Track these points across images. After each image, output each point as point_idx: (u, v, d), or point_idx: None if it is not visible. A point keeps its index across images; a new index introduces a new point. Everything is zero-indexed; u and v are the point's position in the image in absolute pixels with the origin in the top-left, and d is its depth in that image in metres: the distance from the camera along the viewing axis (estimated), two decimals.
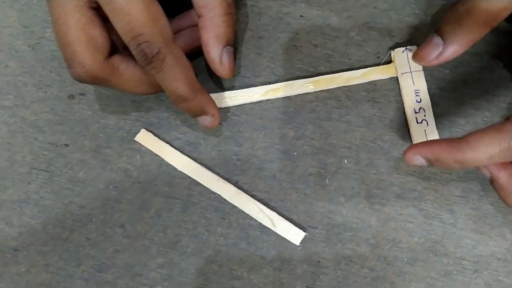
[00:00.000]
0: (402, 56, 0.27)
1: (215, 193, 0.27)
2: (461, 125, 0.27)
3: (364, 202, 0.27)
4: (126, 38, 0.22)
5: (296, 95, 0.28)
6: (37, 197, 0.28)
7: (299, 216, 0.27)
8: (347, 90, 0.28)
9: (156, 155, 0.28)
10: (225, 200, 0.27)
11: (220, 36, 0.25)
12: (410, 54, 0.27)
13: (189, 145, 0.28)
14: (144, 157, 0.28)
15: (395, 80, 0.28)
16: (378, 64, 0.28)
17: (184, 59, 0.23)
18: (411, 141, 0.27)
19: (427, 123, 0.26)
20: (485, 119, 0.27)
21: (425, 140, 0.26)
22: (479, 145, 0.21)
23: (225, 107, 0.28)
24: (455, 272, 0.26)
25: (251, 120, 0.28)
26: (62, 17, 0.22)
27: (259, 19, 0.29)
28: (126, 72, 0.24)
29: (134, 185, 0.28)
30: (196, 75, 0.25)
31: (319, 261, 0.26)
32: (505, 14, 0.22)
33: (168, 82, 0.23)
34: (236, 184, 0.27)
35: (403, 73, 0.27)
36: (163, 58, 0.22)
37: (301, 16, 0.29)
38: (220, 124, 0.27)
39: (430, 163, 0.23)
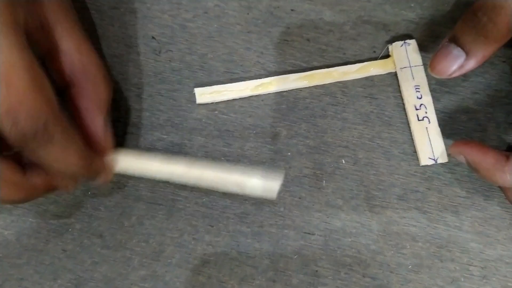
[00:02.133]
0: (400, 50, 0.26)
1: (202, 198, 0.25)
2: (463, 122, 0.26)
3: (364, 204, 0.25)
4: None
5: (288, 91, 0.26)
6: (9, 206, 0.26)
7: (293, 221, 0.25)
8: (343, 86, 0.26)
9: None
10: (213, 205, 0.25)
11: (102, 103, 0.22)
12: (409, 48, 0.26)
13: (173, 146, 0.26)
14: None
15: (393, 75, 0.26)
16: (375, 59, 0.26)
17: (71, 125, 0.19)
18: (412, 139, 0.25)
19: (429, 120, 0.25)
20: (488, 115, 0.26)
21: (427, 138, 0.25)
22: None
23: (212, 103, 0.26)
24: (462, 279, 0.24)
25: (241, 118, 0.26)
26: None
27: (248, 13, 0.27)
28: (5, 173, 0.19)
29: (113, 191, 0.26)
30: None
31: (316, 271, 0.24)
32: None
33: (54, 161, 0.18)
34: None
35: (402, 68, 0.26)
36: (48, 129, 0.17)
37: (292, 10, 0.27)
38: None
39: (469, 166, 0.23)
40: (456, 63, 0.23)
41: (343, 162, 0.25)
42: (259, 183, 0.22)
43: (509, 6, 0.20)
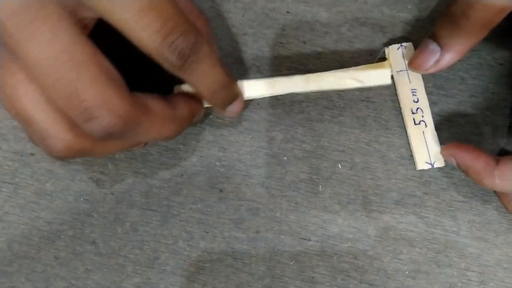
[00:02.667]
0: (397, 53, 0.25)
1: (197, 204, 0.25)
2: (460, 125, 0.25)
3: (361, 210, 0.25)
4: (156, 41, 0.17)
5: (284, 95, 0.26)
6: (1, 212, 0.25)
7: (290, 226, 0.24)
8: (339, 89, 0.26)
9: (130, 163, 0.25)
10: (208, 211, 0.25)
11: (211, 35, 0.23)
12: (406, 51, 0.25)
13: (167, 151, 0.25)
14: (118, 165, 0.25)
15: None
16: (371, 62, 0.26)
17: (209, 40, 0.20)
18: (409, 143, 0.25)
19: (426, 124, 0.25)
20: (486, 118, 0.26)
21: (424, 142, 0.25)
22: (511, 177, 0.21)
23: (206, 106, 0.26)
24: (460, 285, 0.24)
25: (236, 122, 0.26)
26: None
27: (243, 15, 0.27)
28: (156, 108, 0.19)
29: (106, 197, 0.25)
30: None
31: (313, 277, 0.24)
32: (503, 14, 0.21)
33: (208, 74, 0.19)
34: (221, 193, 0.25)
35: (398, 71, 0.25)
36: (200, 47, 0.18)
37: (288, 11, 0.27)
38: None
39: (459, 167, 0.23)
40: (432, 58, 0.23)
41: (340, 166, 0.25)
42: (374, 72, 0.24)
43: (481, 1, 0.20)
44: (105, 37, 0.18)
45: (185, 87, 0.23)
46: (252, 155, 0.25)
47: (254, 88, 0.24)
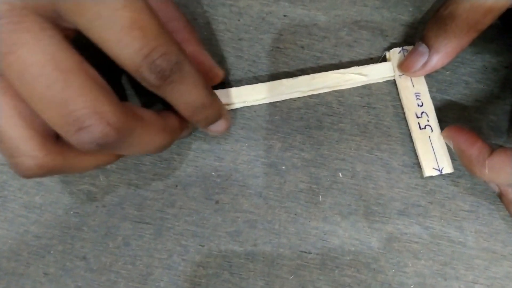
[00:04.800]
0: (399, 56, 0.25)
1: (192, 216, 0.24)
2: None
3: (363, 220, 0.24)
4: (135, 60, 0.16)
5: (282, 102, 0.25)
6: None
7: (289, 239, 0.23)
8: (339, 95, 0.25)
9: (122, 173, 0.24)
10: (204, 223, 0.24)
11: (200, 41, 0.22)
12: None
13: (161, 161, 0.24)
14: (110, 177, 0.24)
15: (391, 83, 0.25)
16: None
17: (192, 61, 0.19)
18: (413, 150, 0.24)
19: (431, 129, 0.24)
20: (491, 123, 0.25)
21: (431, 147, 0.24)
22: (500, 171, 0.20)
23: None
24: None
25: (232, 131, 0.25)
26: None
27: (239, 20, 0.26)
28: (147, 116, 0.19)
29: (97, 210, 0.24)
30: None
31: None
32: (491, 17, 0.21)
33: (187, 94, 0.19)
34: (216, 204, 0.24)
35: (401, 75, 0.24)
36: (182, 67, 0.18)
37: (284, 15, 0.26)
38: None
39: (455, 151, 0.23)
40: (420, 59, 0.23)
41: (341, 175, 0.24)
42: (377, 66, 0.24)
43: (468, 1, 0.20)
44: (84, 48, 0.17)
45: None
46: (249, 164, 0.24)
47: (257, 91, 0.24)
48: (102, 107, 0.16)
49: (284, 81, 0.24)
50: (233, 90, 0.24)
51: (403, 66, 0.24)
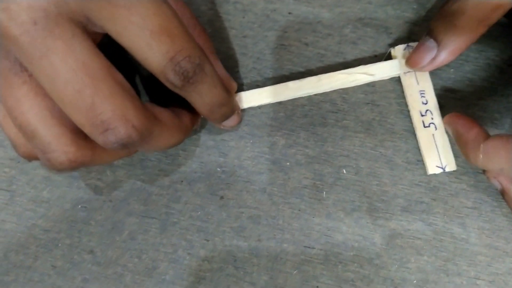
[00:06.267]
0: (403, 54, 0.25)
1: (197, 211, 0.24)
2: None
3: (366, 217, 0.24)
4: (162, 63, 0.17)
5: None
6: None
7: (293, 234, 0.24)
8: (343, 93, 0.25)
9: (128, 169, 0.25)
10: (208, 218, 0.24)
11: (214, 50, 0.23)
12: None
13: (167, 157, 0.25)
14: (116, 172, 0.25)
15: (396, 80, 0.25)
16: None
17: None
18: (417, 147, 0.24)
19: (435, 127, 0.24)
20: (495, 121, 0.25)
21: (434, 145, 0.24)
22: (493, 156, 0.20)
23: None
24: None
25: (237, 127, 0.25)
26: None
27: (244, 17, 0.26)
28: (165, 117, 0.20)
29: (104, 204, 0.24)
30: None
31: (317, 286, 0.23)
32: (501, 11, 0.20)
33: (208, 93, 0.20)
34: (221, 200, 0.24)
35: (405, 72, 0.24)
36: (203, 68, 0.19)
37: (289, 13, 0.26)
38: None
39: (453, 136, 0.23)
40: (428, 55, 0.22)
41: (344, 172, 0.24)
42: (383, 64, 0.24)
43: None
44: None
45: None
46: (253, 160, 0.25)
47: (264, 96, 0.24)
48: (127, 111, 0.17)
49: (290, 83, 0.24)
50: (240, 95, 0.24)
51: (411, 62, 0.23)
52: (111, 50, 0.19)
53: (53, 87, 0.17)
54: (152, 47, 0.17)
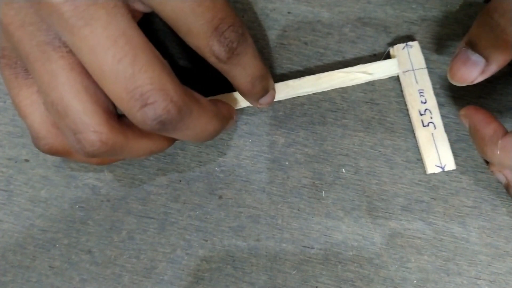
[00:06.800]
0: (402, 53, 0.25)
1: (195, 211, 0.24)
2: None
3: (366, 216, 0.24)
4: (207, 33, 0.17)
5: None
6: None
7: (292, 234, 0.24)
8: (342, 91, 0.25)
9: (126, 168, 0.24)
10: (207, 218, 0.24)
11: None
12: (411, 51, 0.25)
13: (165, 156, 0.25)
14: (114, 172, 0.24)
15: (395, 79, 0.25)
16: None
17: None
18: (417, 146, 0.24)
19: (435, 126, 0.24)
20: None
21: (433, 144, 0.24)
22: (510, 154, 0.20)
23: None
24: None
25: (235, 126, 0.25)
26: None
27: (243, 16, 0.26)
28: (203, 100, 0.19)
29: (102, 204, 0.24)
30: None
31: (316, 287, 0.23)
32: None
33: (251, 64, 0.19)
34: (220, 199, 0.24)
35: (404, 72, 0.24)
36: (246, 39, 0.18)
37: (289, 12, 0.26)
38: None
39: (470, 131, 0.22)
40: (476, 69, 0.21)
41: (344, 171, 0.24)
42: (382, 63, 0.24)
43: None
44: None
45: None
46: (252, 160, 0.25)
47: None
48: (166, 85, 0.16)
49: (290, 82, 0.24)
50: (239, 94, 0.24)
51: (458, 78, 0.22)
52: None
53: (93, 57, 0.16)
54: (195, 16, 0.17)
